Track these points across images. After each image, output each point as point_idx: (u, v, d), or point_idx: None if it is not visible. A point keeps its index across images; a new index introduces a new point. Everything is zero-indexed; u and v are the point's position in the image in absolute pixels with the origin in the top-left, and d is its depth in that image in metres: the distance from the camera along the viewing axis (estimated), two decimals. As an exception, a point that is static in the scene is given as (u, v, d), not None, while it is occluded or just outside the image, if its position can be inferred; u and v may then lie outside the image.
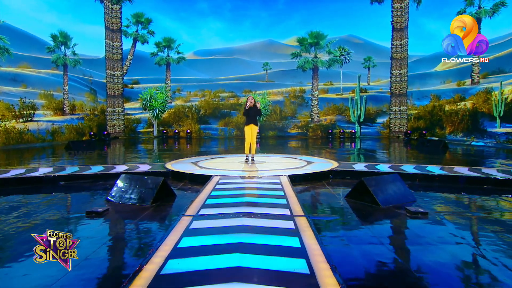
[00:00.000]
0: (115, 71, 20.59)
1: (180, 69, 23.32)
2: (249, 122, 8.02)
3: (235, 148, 13.81)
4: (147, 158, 10.33)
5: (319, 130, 22.04)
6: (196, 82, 23.66)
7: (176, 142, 17.49)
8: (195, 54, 24.23)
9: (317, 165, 7.86)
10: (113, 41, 20.41)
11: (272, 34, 24.42)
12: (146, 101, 19.75)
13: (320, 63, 22.32)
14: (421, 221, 3.97)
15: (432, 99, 19.80)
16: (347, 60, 22.92)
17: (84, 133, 18.40)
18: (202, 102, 22.87)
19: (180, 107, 22.53)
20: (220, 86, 23.61)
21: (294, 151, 12.06)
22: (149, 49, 22.75)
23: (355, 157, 10.65)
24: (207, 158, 9.42)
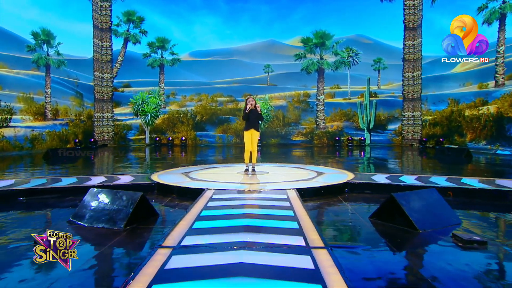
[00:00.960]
0: (104, 73, 20.11)
1: (175, 72, 22.94)
2: (249, 127, 7.31)
3: (234, 156, 13.42)
4: (134, 168, 9.71)
5: (325, 137, 21.59)
6: (192, 86, 23.23)
7: (170, 150, 17.15)
8: (191, 55, 23.82)
9: (329, 177, 7.04)
10: (102, 41, 19.93)
11: (274, 34, 24.00)
12: (138, 106, 19.36)
13: (326, 65, 21.88)
14: (480, 254, 3.10)
15: (450, 104, 19.18)
16: (355, 62, 22.42)
17: (68, 141, 17.78)
18: (199, 107, 22.46)
19: (175, 112, 22.10)
20: (218, 90, 23.22)
21: (299, 160, 11.60)
22: (141, 50, 22.38)
23: (369, 167, 9.96)
24: (201, 168, 8.66)
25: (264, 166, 8.87)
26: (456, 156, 12.46)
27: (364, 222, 4.23)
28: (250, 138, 7.35)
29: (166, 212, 4.95)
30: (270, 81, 23.32)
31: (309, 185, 6.05)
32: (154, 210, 4.56)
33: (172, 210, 5.04)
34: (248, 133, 7.37)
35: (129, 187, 6.08)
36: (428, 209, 4.11)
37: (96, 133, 19.83)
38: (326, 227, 4.11)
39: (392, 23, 20.81)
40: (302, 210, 4.30)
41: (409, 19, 19.75)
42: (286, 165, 9.37)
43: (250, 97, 7.31)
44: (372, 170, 9.31)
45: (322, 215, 4.74)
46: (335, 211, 4.95)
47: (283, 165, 9.36)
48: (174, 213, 4.91)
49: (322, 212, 4.91)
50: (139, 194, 4.13)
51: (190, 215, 4.06)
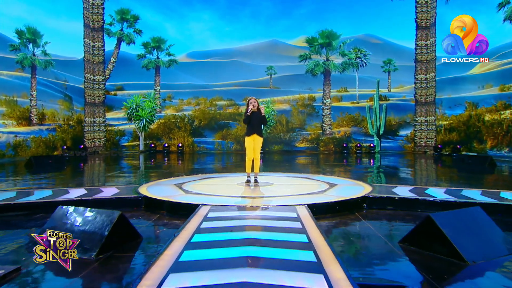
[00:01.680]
0: (96, 75, 19.78)
1: (171, 74, 22.69)
2: (251, 132, 6.73)
3: (234, 164, 13.08)
4: (123, 178, 9.13)
5: (332, 144, 21.32)
6: (190, 89, 22.94)
7: (166, 157, 16.86)
8: (188, 56, 23.59)
9: (343, 189, 6.37)
10: (93, 40, 19.63)
11: (276, 33, 23.72)
12: (132, 110, 18.97)
13: (333, 67, 21.60)
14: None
15: (468, 108, 18.69)
16: (363, 63, 22.15)
17: (55, 147, 17.29)
18: (197, 112, 22.19)
19: (171, 117, 21.85)
20: (217, 93, 22.93)
21: (305, 169, 11.25)
22: (136, 51, 22.17)
23: (384, 177, 9.34)
24: (197, 178, 7.98)
25: (268, 176, 8.23)
26: (478, 165, 11.81)
27: (395, 249, 3.56)
28: (252, 144, 6.77)
29: (152, 234, 4.28)
30: (273, 84, 23.15)
31: (321, 200, 5.38)
32: (137, 232, 3.89)
33: (159, 231, 4.38)
34: (250, 139, 6.79)
35: (110, 202, 5.42)
36: (476, 233, 3.43)
37: (86, 139, 19.50)
38: (349, 256, 3.43)
39: (403, 21, 20.61)
40: (317, 233, 3.62)
41: (422, 17, 19.42)
42: (292, 175, 8.72)
43: (252, 98, 6.74)
44: (389, 181, 8.67)
45: (340, 239, 4.06)
46: (356, 233, 4.29)
47: (289, 175, 8.73)
48: (161, 234, 4.26)
49: (340, 235, 4.23)
50: (117, 213, 3.46)
51: (178, 241, 3.38)
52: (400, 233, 3.99)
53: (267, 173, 8.85)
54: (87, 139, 19.49)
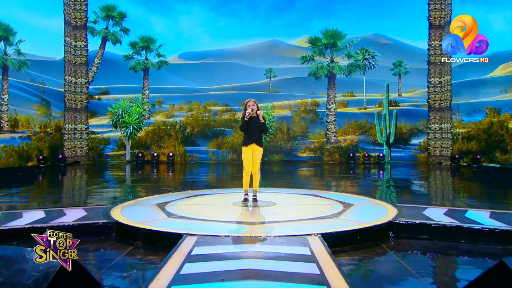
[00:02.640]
0: (78, 78, 19.44)
1: (161, 76, 22.39)
2: (249, 141, 6.06)
3: (230, 176, 12.80)
4: (100, 194, 8.45)
5: (337, 153, 20.99)
6: (182, 93, 22.58)
7: (155, 168, 16.77)
8: (180, 57, 23.16)
9: (362, 211, 5.60)
10: (75, 39, 19.23)
11: (276, 33, 23.24)
12: (118, 116, 18.61)
13: (338, 69, 21.30)
14: None
15: (489, 114, 18.18)
16: (371, 66, 21.78)
17: (29, 157, 16.61)
18: (189, 118, 21.81)
19: (161, 124, 21.44)
20: (212, 98, 22.59)
21: (308, 181, 11.30)
22: (122, 51, 21.71)
23: (400, 194, 8.70)
24: (186, 195, 7.17)
25: (268, 192, 7.43)
26: (507, 178, 11.12)
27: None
28: (250, 156, 6.06)
29: (117, 280, 3.38)
30: (273, 88, 22.93)
31: (338, 227, 4.55)
32: (93, 280, 2.98)
33: (127, 275, 3.48)
34: (248, 149, 6.07)
35: (71, 229, 4.51)
36: None
37: (66, 148, 19.04)
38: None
39: (414, 20, 20.43)
40: (342, 283, 2.72)
41: (435, 15, 19.17)
42: (296, 191, 7.96)
43: (251, 101, 6.12)
44: (413, 199, 7.91)
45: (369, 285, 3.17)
46: (390, 278, 3.40)
47: (293, 191, 7.96)
48: (129, 279, 3.35)
49: (369, 279, 3.35)
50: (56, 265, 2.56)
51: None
52: (450, 277, 3.14)
53: (268, 189, 8.10)
54: (67, 148, 19.07)
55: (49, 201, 7.43)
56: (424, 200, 7.71)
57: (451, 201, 7.37)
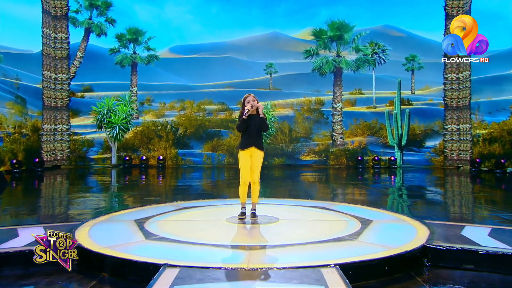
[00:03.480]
0: (58, 73, 19.12)
1: (151, 72, 22.20)
2: (247, 144, 5.51)
3: (226, 183, 12.74)
4: (72, 207, 7.93)
5: (344, 156, 20.86)
6: (173, 90, 22.35)
7: (143, 173, 16.65)
8: (171, 51, 23.02)
9: (384, 230, 4.96)
10: (55, 31, 18.87)
11: (277, 24, 23.09)
12: (102, 115, 18.48)
13: (345, 65, 21.11)
14: None
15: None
16: (382, 61, 21.62)
17: (2, 161, 16.21)
18: (181, 118, 21.68)
19: (150, 124, 21.33)
20: (206, 96, 22.40)
21: (312, 189, 11.20)
22: (108, 44, 21.53)
23: (423, 206, 8.20)
24: (172, 208, 6.54)
25: (269, 204, 6.83)
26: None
27: None
28: (248, 162, 5.50)
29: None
30: (273, 85, 22.86)
31: (358, 254, 3.84)
32: None
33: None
34: (246, 153, 5.50)
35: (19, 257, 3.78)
36: None
37: (45, 151, 18.74)
38: None
39: (430, 10, 20.39)
40: None
41: (452, 4, 18.96)
42: (302, 202, 7.29)
43: (250, 96, 5.58)
44: (441, 212, 7.29)
45: None
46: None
47: (298, 202, 7.31)
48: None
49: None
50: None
51: None
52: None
53: (268, 200, 7.51)
54: (46, 151, 18.74)
55: (9, 215, 6.79)
56: (454, 214, 7.09)
57: (488, 215, 6.68)
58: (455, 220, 5.95)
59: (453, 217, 6.67)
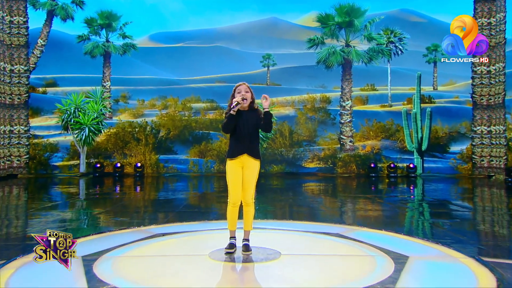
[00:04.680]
0: (15, 64, 18.85)
1: (128, 64, 22.15)
2: (237, 150, 5.07)
3: (215, 195, 12.66)
4: (20, 228, 7.49)
5: (354, 163, 20.51)
6: (154, 85, 22.36)
7: (117, 184, 16.66)
8: (151, 39, 23.13)
9: (427, 272, 4.23)
10: (11, 14, 18.57)
11: (276, 8, 23.11)
12: (69, 115, 18.06)
13: (355, 56, 20.82)
14: None
15: None
16: (399, 51, 21.52)
17: None
18: (163, 118, 21.47)
19: (127, 125, 21.01)
20: (193, 92, 22.33)
21: (318, 204, 11.09)
22: (76, 30, 21.39)
23: (454, 228, 7.64)
24: (140, 235, 5.88)
25: (267, 229, 6.33)
26: None
27: None
28: (239, 175, 5.07)
29: None
30: (271, 80, 22.82)
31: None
32: None
33: None
34: (236, 164, 5.05)
35: None
36: None
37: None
38: None
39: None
40: None
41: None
42: (310, 226, 6.69)
43: (243, 85, 5.31)
44: (482, 238, 6.66)
45: None
46: None
47: (304, 226, 6.71)
48: None
49: None
50: None
51: None
52: None
53: (265, 223, 6.95)
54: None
55: None
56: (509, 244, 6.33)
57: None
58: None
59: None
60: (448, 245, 5.23)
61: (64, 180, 17.61)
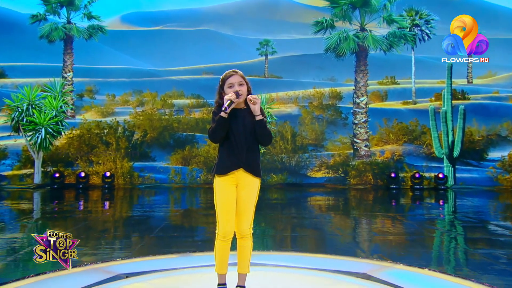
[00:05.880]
0: None
1: (94, 50, 22.09)
2: (230, 163, 4.70)
3: (203, 213, 12.43)
4: None
5: (370, 173, 20.43)
6: (127, 77, 22.26)
7: (81, 198, 16.59)
8: (124, 21, 23.22)
9: None
10: None
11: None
12: (21, 113, 17.88)
13: (372, 42, 20.60)
14: None
15: None
16: (425, 36, 21.53)
17: None
18: (139, 117, 21.39)
19: (93, 126, 20.89)
20: (175, 85, 22.31)
21: (331, 227, 10.71)
22: (29, 8, 21.34)
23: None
24: (94, 279, 5.38)
25: (266, 266, 5.95)
26: None
27: None
28: (232, 197, 4.71)
29: None
30: (270, 71, 22.83)
31: None
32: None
33: None
34: (227, 181, 4.72)
35: None
36: None
37: None
38: None
39: None
40: None
41: None
42: (324, 260, 6.33)
43: (235, 75, 4.88)
44: None
45: None
46: None
47: (316, 260, 6.35)
48: None
49: None
50: None
51: None
52: None
53: (264, 255, 6.62)
54: None
55: None
56: None
57: None
58: None
59: None
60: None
61: (14, 193, 17.50)
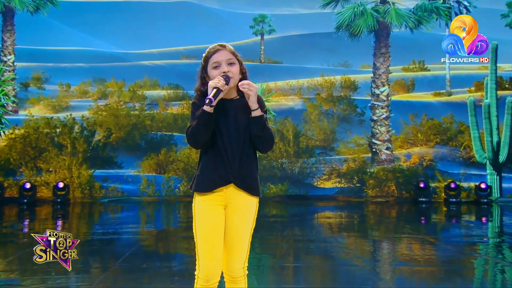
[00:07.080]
0: None
1: (43, 28, 22.14)
2: (217, 177, 4.19)
3: (182, 236, 12.37)
4: None
5: (393, 182, 20.41)
6: (85, 62, 22.24)
7: (25, 216, 16.88)
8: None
9: None
10: None
11: None
12: None
13: (395, 18, 20.80)
14: None
15: None
16: (463, 9, 21.78)
17: None
18: (101, 112, 21.46)
19: (42, 123, 20.90)
20: (147, 72, 22.39)
21: (343, 253, 10.79)
22: None
23: None
24: None
25: None
26: None
27: None
28: (218, 225, 4.41)
29: None
30: (267, 55, 23.20)
31: None
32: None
33: None
34: (212, 202, 4.30)
35: None
36: None
37: None
38: None
39: None
40: None
41: None
42: None
43: (222, 50, 4.41)
44: None
45: None
46: None
47: None
48: None
49: None
50: None
51: None
52: None
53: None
54: None
55: None
56: None
57: None
58: None
59: None
60: None
61: None
